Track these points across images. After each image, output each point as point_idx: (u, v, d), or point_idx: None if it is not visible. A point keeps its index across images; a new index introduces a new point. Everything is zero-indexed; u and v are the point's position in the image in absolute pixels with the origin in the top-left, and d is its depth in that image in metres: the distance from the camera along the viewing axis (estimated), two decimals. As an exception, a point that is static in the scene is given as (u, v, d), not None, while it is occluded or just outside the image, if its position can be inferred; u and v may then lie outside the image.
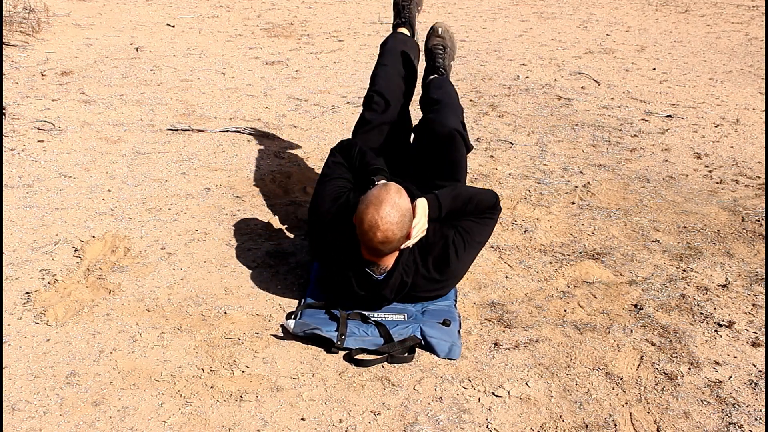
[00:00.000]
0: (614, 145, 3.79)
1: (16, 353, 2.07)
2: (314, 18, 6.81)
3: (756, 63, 5.49)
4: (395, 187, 2.11)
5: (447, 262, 2.25)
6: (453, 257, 2.26)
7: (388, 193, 2.07)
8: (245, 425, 1.83)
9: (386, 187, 2.10)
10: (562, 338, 2.20)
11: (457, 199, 2.31)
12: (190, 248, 2.67)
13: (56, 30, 5.81)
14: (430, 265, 2.24)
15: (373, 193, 2.09)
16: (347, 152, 2.50)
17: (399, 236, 2.07)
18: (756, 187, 3.29)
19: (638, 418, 1.88)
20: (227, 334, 2.18)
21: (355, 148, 2.49)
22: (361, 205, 2.09)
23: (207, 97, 4.40)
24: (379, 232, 2.03)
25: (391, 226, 2.03)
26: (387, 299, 2.25)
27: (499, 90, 4.72)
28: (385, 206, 2.04)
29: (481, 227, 2.35)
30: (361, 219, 2.06)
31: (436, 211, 2.25)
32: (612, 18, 7.15)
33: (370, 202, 2.07)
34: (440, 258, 2.25)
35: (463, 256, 2.29)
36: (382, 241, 2.05)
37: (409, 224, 2.11)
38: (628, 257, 2.68)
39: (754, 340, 2.20)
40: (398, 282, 2.19)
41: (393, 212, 2.04)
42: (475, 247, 2.35)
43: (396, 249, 2.12)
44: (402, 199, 2.08)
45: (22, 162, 3.34)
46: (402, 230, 2.07)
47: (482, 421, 1.87)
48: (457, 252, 2.26)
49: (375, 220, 2.03)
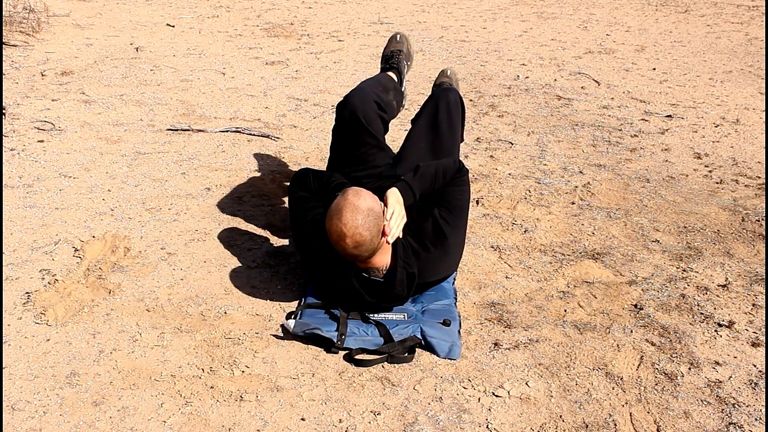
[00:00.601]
0: (614, 145, 3.79)
1: (16, 353, 2.07)
2: (314, 18, 6.82)
3: (756, 63, 5.49)
4: (351, 190, 2.11)
5: (443, 234, 2.26)
6: (446, 227, 2.27)
7: (345, 200, 2.07)
8: (245, 425, 1.83)
9: (343, 194, 2.11)
10: (562, 338, 2.20)
11: (424, 177, 2.33)
12: (190, 248, 2.67)
13: (56, 30, 5.81)
14: (429, 246, 2.25)
15: (333, 205, 2.11)
16: (303, 183, 2.48)
17: (369, 236, 2.06)
18: (756, 187, 3.29)
19: (638, 418, 1.88)
20: (227, 334, 2.18)
21: (308, 176, 2.48)
22: (326, 219, 2.11)
23: (207, 97, 4.40)
24: (348, 239, 2.04)
25: (356, 229, 2.03)
26: (401, 296, 2.23)
27: (499, 90, 4.72)
28: (345, 212, 2.05)
29: (457, 191, 2.37)
30: (329, 232, 2.08)
31: (410, 195, 2.27)
32: (612, 18, 7.15)
33: (331, 213, 2.08)
34: (435, 234, 2.26)
35: (455, 224, 2.31)
36: (356, 246, 2.05)
37: (377, 221, 2.09)
38: (628, 257, 2.68)
39: (754, 340, 2.20)
40: (405, 276, 2.19)
41: (354, 215, 2.04)
42: (462, 211, 2.37)
43: (375, 249, 2.12)
44: (361, 200, 2.08)
45: (22, 162, 3.34)
46: (370, 230, 2.06)
47: (482, 421, 1.87)
48: (447, 221, 2.28)
49: (339, 229, 2.04)
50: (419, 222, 2.27)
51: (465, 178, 2.40)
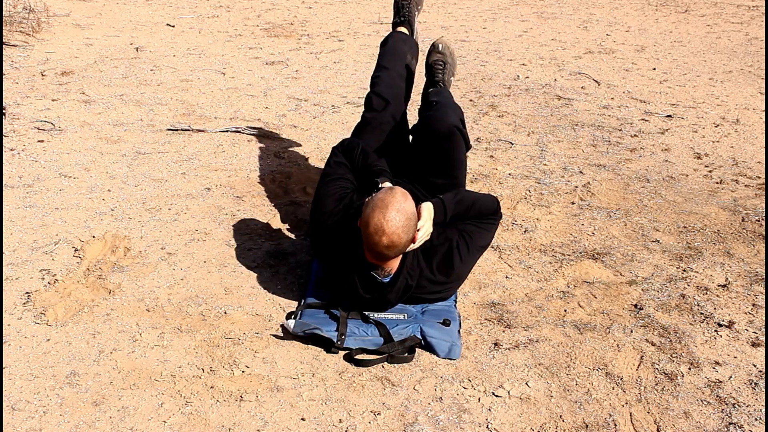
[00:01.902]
0: (614, 145, 3.79)
1: (16, 353, 2.07)
2: (314, 18, 6.82)
3: (756, 63, 5.49)
4: (401, 191, 2.11)
5: (451, 265, 2.26)
6: (457, 260, 2.26)
7: (393, 197, 2.07)
8: (245, 425, 1.83)
9: (392, 191, 2.10)
10: (562, 338, 2.20)
11: (461, 203, 2.32)
12: (190, 248, 2.67)
13: (56, 30, 5.81)
14: (434, 268, 2.25)
15: (378, 197, 2.09)
16: (350, 152, 2.49)
17: (404, 240, 2.07)
18: (756, 187, 3.29)
19: (638, 418, 1.88)
20: (227, 334, 2.18)
21: (357, 148, 2.48)
22: (366, 208, 2.08)
23: (207, 97, 4.40)
24: (385, 236, 2.03)
25: (396, 230, 2.03)
26: (391, 302, 2.25)
27: (499, 90, 4.72)
28: (391, 210, 2.03)
29: (483, 232, 2.36)
30: (366, 223, 2.05)
31: (441, 215, 2.26)
32: (612, 18, 7.15)
33: (375, 205, 2.06)
34: (444, 261, 2.26)
35: (466, 259, 2.30)
36: (388, 246, 2.05)
37: (414, 228, 2.10)
38: (628, 257, 2.68)
39: (754, 340, 2.20)
40: (403, 285, 2.20)
41: (399, 216, 2.03)
42: (478, 251, 2.37)
43: (401, 253, 2.13)
44: (407, 203, 2.08)
45: (22, 162, 3.34)
46: (407, 234, 2.07)
47: (482, 421, 1.87)
48: (461, 255, 2.27)
49: (381, 224, 2.02)
50: (436, 240, 2.27)
51: (497, 222, 2.42)
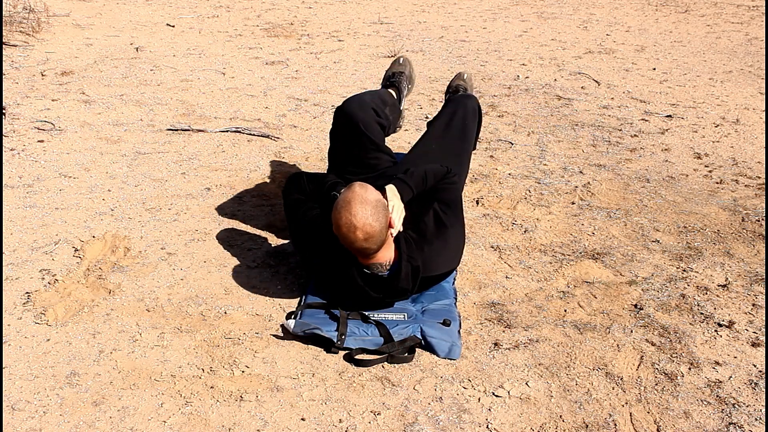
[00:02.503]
0: (614, 145, 3.79)
1: (16, 353, 2.07)
2: (314, 18, 6.82)
3: (756, 63, 5.49)
4: (357, 184, 2.13)
5: (444, 224, 2.29)
6: (446, 218, 2.30)
7: (353, 192, 2.08)
8: (245, 425, 1.83)
9: (349, 188, 2.12)
10: (562, 338, 2.20)
11: (415, 176, 2.36)
12: (190, 248, 2.67)
13: (56, 30, 5.81)
14: (431, 238, 2.26)
15: (339, 198, 2.11)
16: (296, 186, 2.48)
17: (379, 227, 2.07)
18: (756, 187, 3.29)
19: (638, 418, 1.88)
20: (227, 334, 2.18)
21: (301, 179, 2.48)
22: (333, 213, 2.11)
23: (207, 97, 4.40)
24: (358, 230, 2.04)
25: (366, 220, 2.04)
26: (406, 290, 2.24)
27: (499, 90, 4.72)
28: (354, 204, 2.05)
29: (449, 189, 2.39)
30: (337, 225, 2.08)
31: (407, 191, 2.30)
32: (612, 18, 7.15)
33: (339, 207, 2.08)
34: (436, 225, 2.28)
35: (453, 215, 2.34)
36: (366, 238, 2.06)
37: (385, 213, 2.11)
38: (628, 257, 2.68)
39: (754, 340, 2.20)
40: (410, 270, 2.19)
41: (364, 207, 2.05)
42: (457, 206, 2.40)
43: (383, 241, 2.13)
44: (368, 192, 2.09)
45: (22, 162, 3.34)
46: (379, 221, 2.07)
47: (482, 421, 1.87)
48: (446, 213, 2.31)
49: (350, 221, 2.04)
50: (420, 216, 2.30)
51: (455, 177, 2.44)
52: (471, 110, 2.76)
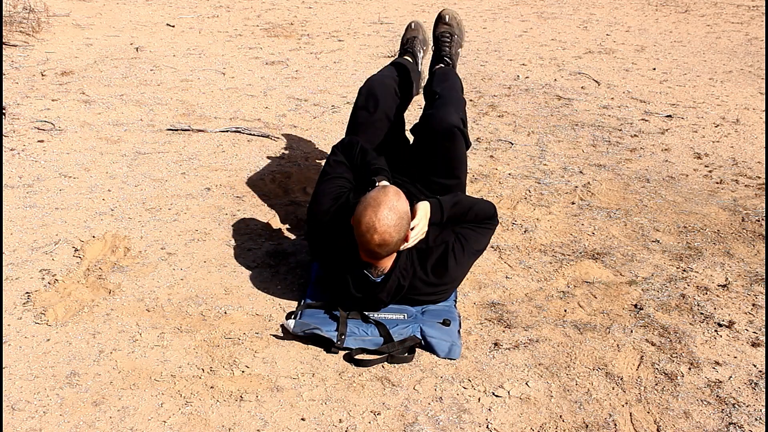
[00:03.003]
0: (614, 145, 3.79)
1: (16, 353, 2.07)
2: (314, 18, 6.82)
3: (756, 63, 5.49)
4: (393, 189, 2.11)
5: (446, 267, 2.25)
6: (452, 262, 2.26)
7: (386, 196, 2.07)
8: (245, 425, 1.83)
9: (384, 190, 2.10)
10: (562, 338, 2.20)
11: (458, 205, 2.32)
12: (190, 248, 2.67)
13: (56, 30, 5.81)
14: (428, 270, 2.25)
15: (371, 195, 2.09)
16: (349, 150, 2.50)
17: (396, 239, 2.07)
18: (756, 187, 3.29)
19: (638, 418, 1.88)
20: (227, 334, 2.18)
21: (356, 147, 2.49)
22: (359, 206, 2.09)
23: (207, 97, 4.40)
24: (377, 234, 2.03)
25: (388, 228, 2.03)
26: (383, 302, 2.25)
27: (499, 90, 4.72)
28: (383, 209, 2.04)
29: (479, 236, 2.36)
30: (358, 221, 2.06)
31: (438, 215, 2.26)
32: (612, 18, 7.15)
33: (368, 204, 2.07)
34: (439, 263, 2.25)
35: (461, 262, 2.30)
36: (380, 244, 2.05)
37: (407, 227, 2.11)
38: (628, 257, 2.68)
39: (754, 340, 2.20)
40: (395, 285, 2.19)
41: (390, 215, 2.04)
42: (473, 255, 2.36)
43: (393, 251, 2.13)
44: (400, 202, 2.08)
45: (22, 162, 3.34)
46: (399, 233, 2.07)
47: (482, 421, 1.87)
48: (456, 258, 2.27)
49: (372, 223, 2.03)
50: (431, 242, 2.27)
51: (493, 227, 2.41)
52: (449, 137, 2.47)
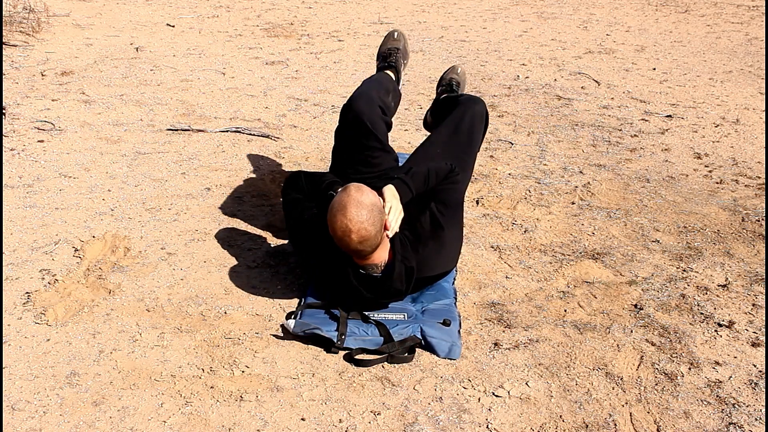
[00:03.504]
0: (614, 145, 3.79)
1: (16, 353, 2.07)
2: (314, 18, 6.82)
3: (756, 63, 5.49)
4: (353, 186, 2.12)
5: (440, 226, 2.27)
6: (443, 219, 2.28)
7: (348, 195, 2.08)
8: (245, 425, 1.83)
9: (345, 190, 2.11)
10: (562, 338, 2.20)
11: (417, 175, 2.32)
12: (190, 248, 2.67)
13: (56, 30, 5.81)
14: (426, 239, 2.25)
15: (335, 201, 2.10)
16: (294, 185, 2.47)
17: (374, 231, 2.07)
18: (756, 187, 3.29)
19: (638, 418, 1.88)
20: (227, 334, 2.18)
21: (299, 179, 2.47)
22: (328, 216, 2.10)
23: (207, 97, 4.40)
24: (353, 234, 2.04)
25: (362, 224, 2.04)
26: (401, 291, 2.23)
27: (499, 90, 4.72)
28: (350, 208, 2.05)
29: (451, 189, 2.36)
30: (333, 228, 2.08)
31: (407, 192, 2.27)
32: (612, 18, 7.15)
33: (335, 210, 2.08)
34: (432, 226, 2.27)
35: (451, 216, 2.32)
36: (361, 241, 2.06)
37: (380, 216, 2.11)
38: (628, 257, 2.68)
39: (754, 340, 2.20)
40: (404, 270, 2.19)
41: (359, 211, 2.04)
42: (457, 206, 2.38)
43: (378, 243, 2.12)
44: (364, 195, 2.09)
45: (22, 162, 3.34)
46: (375, 225, 2.07)
47: (482, 421, 1.87)
48: (443, 214, 2.29)
49: (345, 225, 2.04)
50: (416, 216, 2.28)
51: (458, 177, 2.41)
52: (479, 115, 2.67)
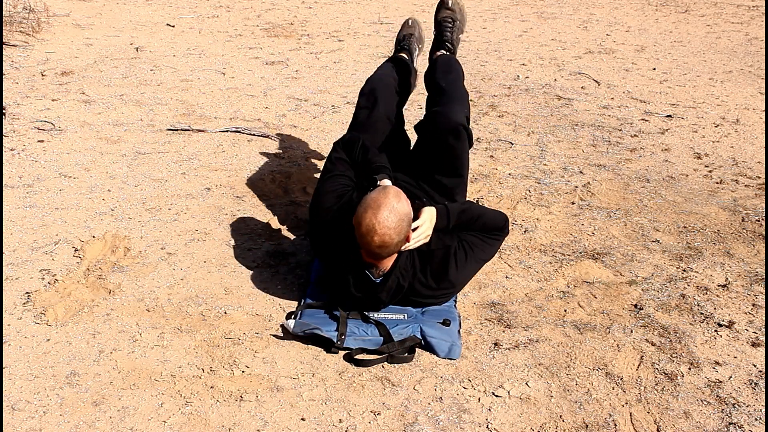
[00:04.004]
0: (614, 145, 3.79)
1: (16, 353, 2.07)
2: (314, 18, 6.82)
3: (756, 63, 5.49)
4: (394, 190, 2.11)
5: (446, 272, 2.24)
6: (452, 269, 2.25)
7: (386, 197, 2.06)
8: (245, 425, 1.83)
9: (385, 191, 2.09)
10: (562, 338, 2.20)
11: (466, 213, 2.30)
12: (190, 248, 2.67)
13: (56, 30, 5.81)
14: (428, 273, 2.24)
15: (371, 197, 2.09)
16: (350, 147, 2.48)
17: (396, 240, 2.06)
18: (756, 187, 3.29)
19: (638, 418, 1.88)
20: (227, 334, 2.18)
21: (358, 143, 2.47)
22: (359, 208, 2.09)
23: (207, 97, 4.40)
24: (377, 236, 2.03)
25: (388, 230, 2.03)
26: (383, 302, 2.24)
27: (499, 90, 4.72)
28: (383, 210, 2.03)
29: (485, 245, 2.34)
30: (359, 222, 2.06)
31: (444, 221, 2.24)
32: (612, 18, 7.15)
33: (368, 206, 2.06)
34: (440, 267, 2.24)
35: (462, 269, 2.28)
36: (380, 245, 2.05)
37: (408, 228, 2.10)
38: (628, 257, 2.68)
39: (754, 340, 2.20)
40: (395, 285, 2.19)
41: (391, 216, 2.03)
42: (477, 263, 2.35)
43: (394, 252, 2.12)
44: (400, 204, 2.07)
45: (22, 162, 3.34)
46: (399, 235, 2.06)
47: (482, 421, 1.87)
48: (457, 264, 2.25)
49: (372, 224, 2.02)
50: (434, 245, 2.24)
51: (502, 238, 2.40)
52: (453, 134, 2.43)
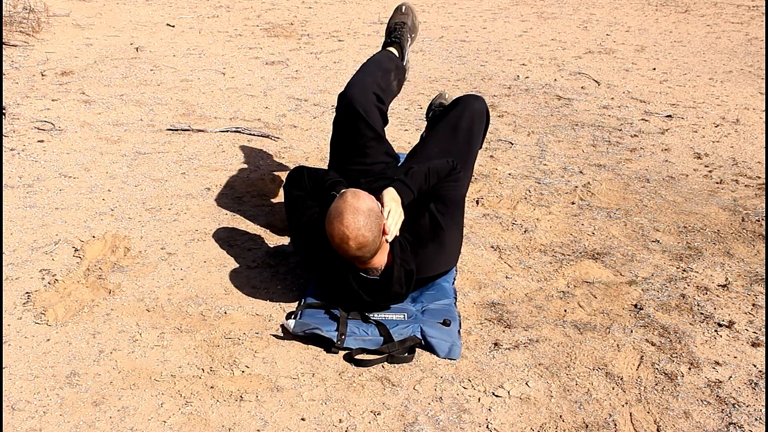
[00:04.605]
0: (614, 145, 3.79)
1: (16, 353, 2.07)
2: (314, 18, 6.82)
3: (756, 63, 5.49)
4: (350, 192, 2.12)
5: (440, 227, 2.26)
6: (442, 219, 2.27)
7: (345, 202, 2.08)
8: (245, 425, 1.83)
9: (341, 197, 2.11)
10: (562, 338, 2.20)
11: (417, 175, 2.30)
12: (190, 248, 2.67)
13: (56, 30, 5.81)
14: (425, 240, 2.25)
15: (332, 208, 2.11)
16: (297, 182, 2.46)
17: (372, 237, 2.07)
18: (756, 187, 3.29)
19: (638, 418, 1.88)
20: (227, 334, 2.18)
21: (302, 175, 2.45)
22: (326, 223, 2.11)
23: (207, 97, 4.40)
24: (351, 241, 2.04)
25: (359, 231, 2.04)
26: (400, 294, 2.24)
27: (499, 90, 4.72)
28: (346, 215, 2.05)
29: (452, 186, 2.35)
30: (331, 236, 2.08)
31: (408, 193, 2.26)
32: (612, 18, 7.15)
33: (332, 217, 2.08)
34: (431, 227, 2.26)
35: (450, 215, 2.31)
36: (359, 248, 2.06)
37: (378, 221, 2.10)
38: (628, 257, 2.68)
39: (754, 340, 2.20)
40: (403, 273, 2.19)
41: (356, 218, 2.05)
42: (457, 204, 2.37)
43: (378, 248, 2.13)
44: (360, 201, 2.08)
45: (22, 162, 3.34)
46: (372, 231, 2.07)
47: (482, 421, 1.87)
48: (443, 213, 2.28)
49: (342, 232, 2.04)
50: (415, 218, 2.27)
51: (460, 174, 2.40)
52: (479, 114, 2.63)
